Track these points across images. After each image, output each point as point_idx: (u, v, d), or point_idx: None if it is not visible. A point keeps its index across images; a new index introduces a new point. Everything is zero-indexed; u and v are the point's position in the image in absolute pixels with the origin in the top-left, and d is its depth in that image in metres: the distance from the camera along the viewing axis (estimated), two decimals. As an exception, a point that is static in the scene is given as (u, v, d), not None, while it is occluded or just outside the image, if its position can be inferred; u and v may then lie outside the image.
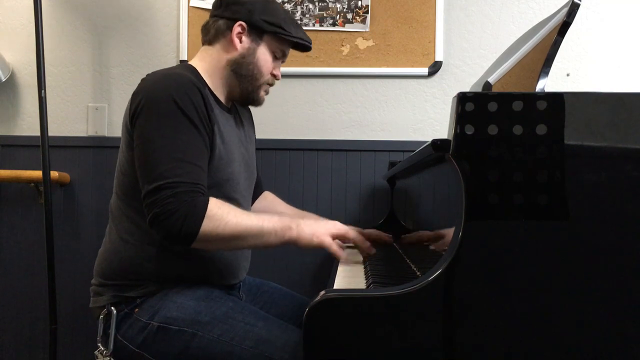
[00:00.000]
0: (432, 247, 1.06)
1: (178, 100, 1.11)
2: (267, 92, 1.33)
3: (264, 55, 1.27)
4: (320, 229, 1.13)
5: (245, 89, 1.29)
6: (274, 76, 1.32)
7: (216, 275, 1.23)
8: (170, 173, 1.06)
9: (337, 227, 1.17)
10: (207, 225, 1.05)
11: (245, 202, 1.32)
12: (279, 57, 1.31)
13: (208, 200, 1.07)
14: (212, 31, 1.27)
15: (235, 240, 1.10)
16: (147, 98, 1.13)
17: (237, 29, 1.24)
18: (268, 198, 1.60)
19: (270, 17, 1.24)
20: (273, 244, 1.12)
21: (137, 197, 1.15)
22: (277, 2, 1.29)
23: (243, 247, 1.24)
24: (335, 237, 1.15)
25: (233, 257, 1.27)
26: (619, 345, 0.78)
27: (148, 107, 1.12)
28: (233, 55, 1.26)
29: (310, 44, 1.32)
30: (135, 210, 1.18)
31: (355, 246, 1.25)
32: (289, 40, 1.28)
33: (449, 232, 0.83)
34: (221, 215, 1.07)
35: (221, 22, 1.26)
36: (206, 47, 1.29)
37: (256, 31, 1.25)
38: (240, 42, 1.25)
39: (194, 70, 1.25)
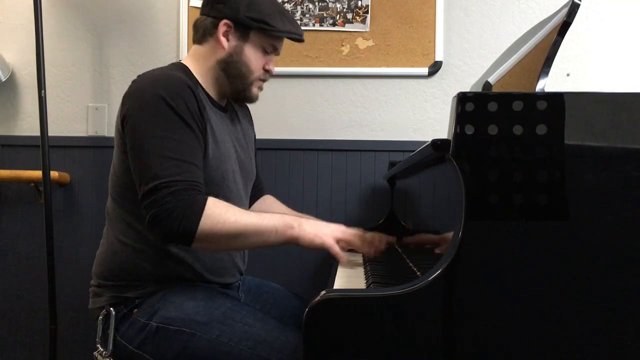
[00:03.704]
0: (437, 250, 1.06)
1: (168, 99, 1.10)
2: (260, 89, 1.31)
3: (252, 52, 1.25)
4: (324, 230, 1.11)
5: (236, 87, 1.27)
6: (267, 71, 1.29)
7: (212, 274, 1.23)
8: (166, 172, 1.05)
9: (342, 230, 1.15)
10: (206, 223, 1.03)
11: (240, 201, 1.31)
12: (270, 52, 1.27)
13: (206, 199, 1.06)
14: (201, 31, 1.26)
15: (234, 239, 1.08)
16: (137, 100, 1.12)
17: (222, 27, 1.22)
18: (267, 201, 1.57)
19: (255, 12, 1.21)
20: (274, 243, 1.10)
21: (130, 199, 1.15)
22: None
23: (244, 246, 1.23)
24: (339, 241, 1.12)
25: (228, 256, 1.27)
26: (619, 345, 0.78)
27: (139, 109, 1.11)
28: (221, 54, 1.24)
29: (301, 35, 1.28)
30: (129, 213, 1.18)
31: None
32: (276, 35, 1.25)
33: (450, 236, 0.82)
34: (219, 213, 1.05)
35: (208, 21, 1.24)
36: (197, 47, 1.28)
37: (242, 28, 1.23)
38: (228, 40, 1.23)
39: (186, 69, 1.24)
